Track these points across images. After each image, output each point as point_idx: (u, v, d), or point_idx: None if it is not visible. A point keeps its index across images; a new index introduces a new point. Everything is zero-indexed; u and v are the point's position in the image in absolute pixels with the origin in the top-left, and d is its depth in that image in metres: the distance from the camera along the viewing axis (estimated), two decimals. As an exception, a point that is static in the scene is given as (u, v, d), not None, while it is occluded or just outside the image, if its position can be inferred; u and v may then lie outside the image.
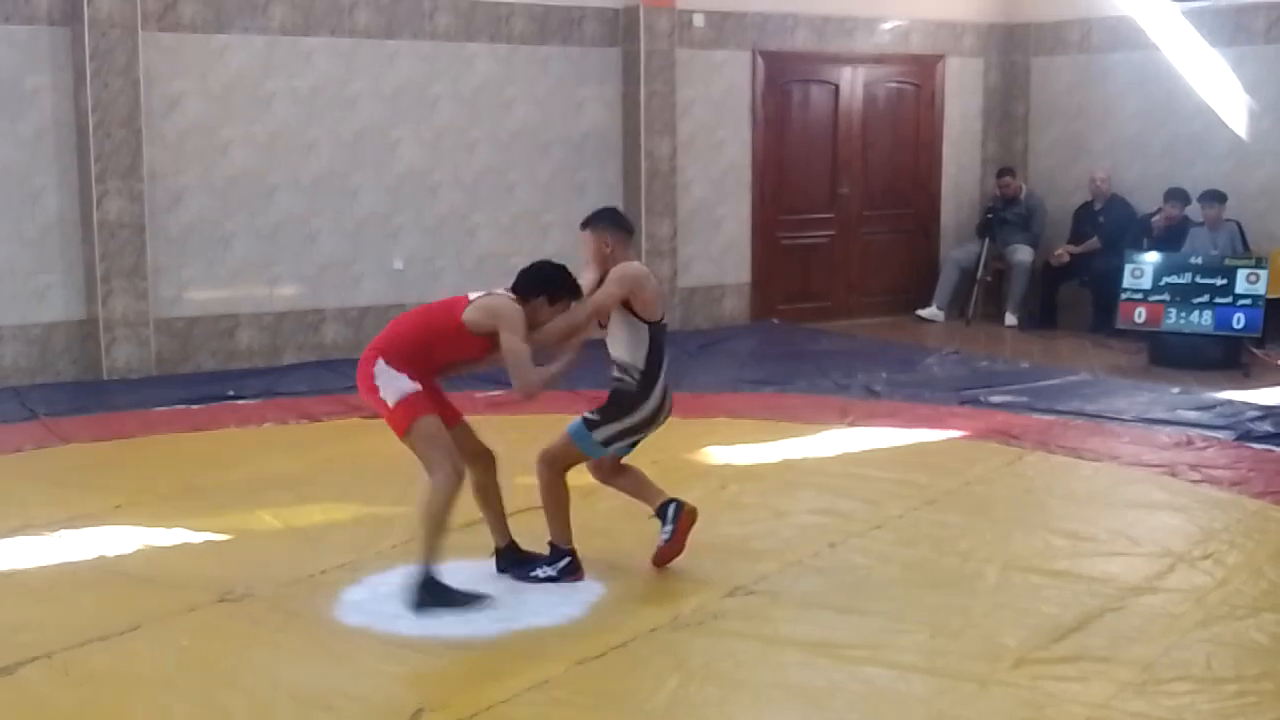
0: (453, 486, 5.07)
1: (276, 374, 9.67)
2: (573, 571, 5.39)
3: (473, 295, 5.30)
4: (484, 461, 5.47)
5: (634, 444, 5.51)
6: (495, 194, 10.95)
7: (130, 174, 9.39)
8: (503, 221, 11.01)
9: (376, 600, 5.19)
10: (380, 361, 5.20)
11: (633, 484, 5.61)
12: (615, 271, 5.35)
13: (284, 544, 5.92)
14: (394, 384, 5.16)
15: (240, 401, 8.83)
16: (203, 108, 9.78)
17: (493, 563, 5.55)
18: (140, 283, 9.48)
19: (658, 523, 5.52)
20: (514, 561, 5.50)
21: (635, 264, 5.44)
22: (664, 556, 5.45)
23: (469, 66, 10.75)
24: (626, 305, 5.33)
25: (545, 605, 5.13)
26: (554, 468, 5.41)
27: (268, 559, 5.67)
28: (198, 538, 5.97)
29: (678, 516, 5.43)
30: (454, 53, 10.67)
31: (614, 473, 5.62)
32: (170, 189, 9.71)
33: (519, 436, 7.91)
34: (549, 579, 5.36)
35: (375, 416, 8.27)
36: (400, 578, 5.37)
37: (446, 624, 4.93)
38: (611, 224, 5.55)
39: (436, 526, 5.03)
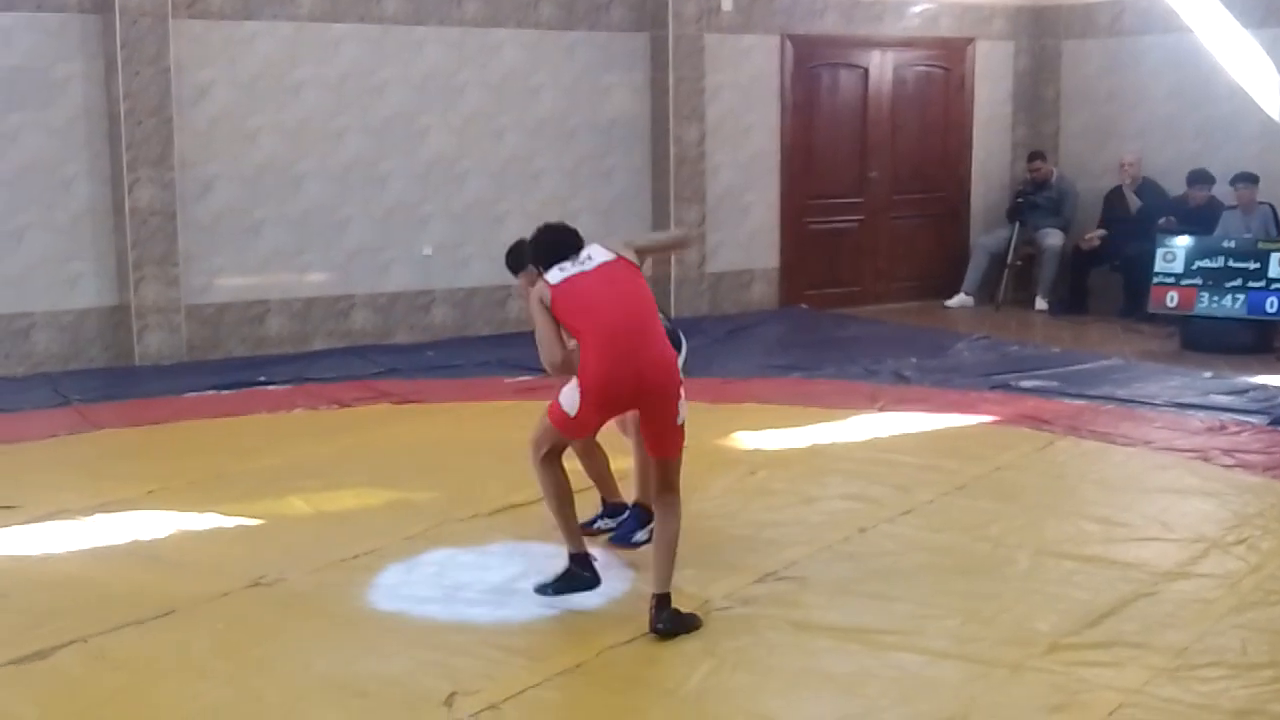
0: None
1: (306, 360, 9.70)
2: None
3: None
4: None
5: None
6: (522, 181, 10.95)
7: (161, 162, 9.43)
8: (530, 208, 10.98)
9: (408, 585, 5.21)
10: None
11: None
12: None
13: (315, 529, 5.94)
14: None
15: (270, 388, 8.86)
16: (232, 96, 9.81)
17: (535, 545, 5.61)
18: (171, 270, 9.52)
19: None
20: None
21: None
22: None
23: (496, 53, 10.74)
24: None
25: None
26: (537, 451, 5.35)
27: (299, 544, 5.69)
28: (230, 523, 6.00)
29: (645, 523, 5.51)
30: (481, 39, 10.67)
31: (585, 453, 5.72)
32: (200, 177, 9.75)
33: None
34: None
35: (404, 402, 8.40)
36: (431, 561, 5.40)
37: (478, 609, 4.94)
38: (532, 258, 5.38)
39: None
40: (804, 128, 12.12)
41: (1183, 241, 10.48)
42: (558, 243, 5.24)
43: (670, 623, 4.68)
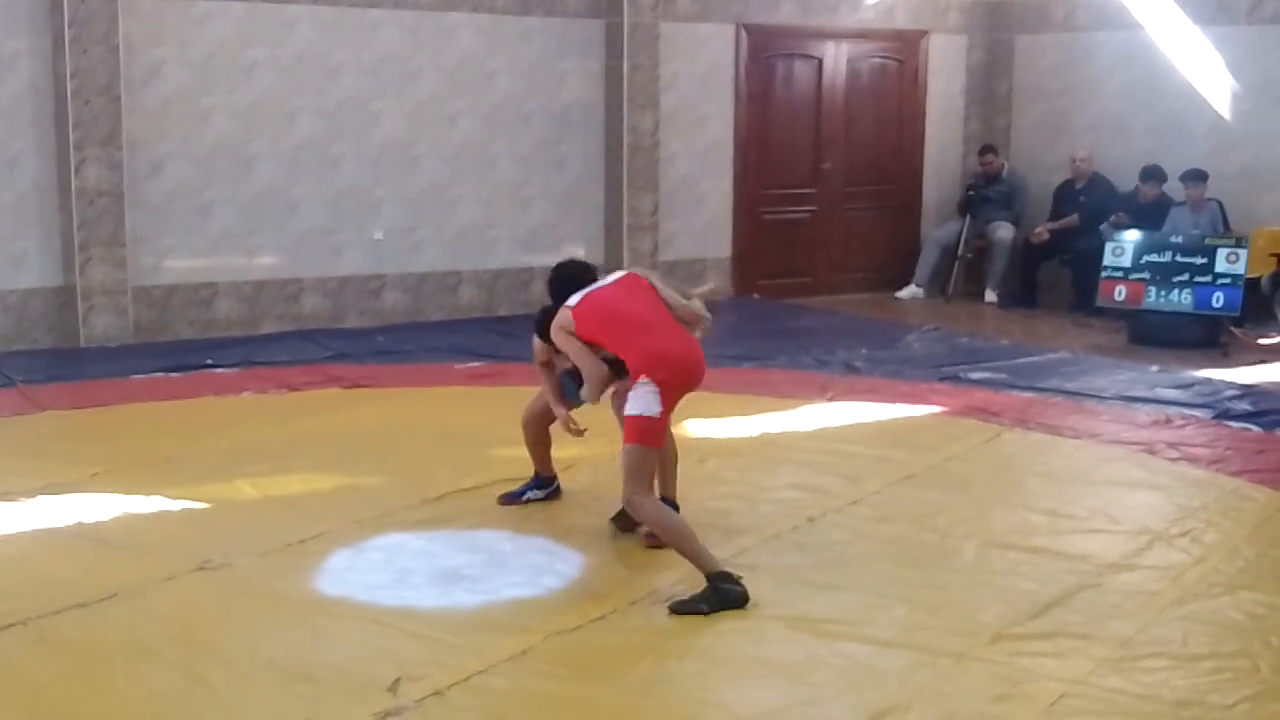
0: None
1: (255, 343, 9.63)
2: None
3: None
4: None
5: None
6: (476, 166, 10.90)
7: (109, 142, 9.32)
8: (483, 194, 10.98)
9: (355, 570, 5.18)
10: None
11: None
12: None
13: (262, 513, 5.90)
14: None
15: (219, 371, 8.79)
16: (183, 76, 9.71)
17: (483, 531, 5.59)
18: (119, 251, 9.42)
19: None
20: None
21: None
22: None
23: (451, 37, 10.69)
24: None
25: (525, 577, 5.13)
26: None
27: (246, 528, 5.65)
28: (176, 506, 5.94)
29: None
30: (436, 23, 10.61)
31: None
32: (150, 157, 9.65)
33: (499, 409, 7.92)
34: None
35: (354, 387, 8.36)
36: (379, 547, 5.38)
37: (425, 595, 4.93)
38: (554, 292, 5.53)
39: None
40: (759, 118, 12.14)
41: (1131, 236, 10.57)
42: (578, 276, 5.47)
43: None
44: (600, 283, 5.37)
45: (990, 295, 12.29)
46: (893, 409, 7.97)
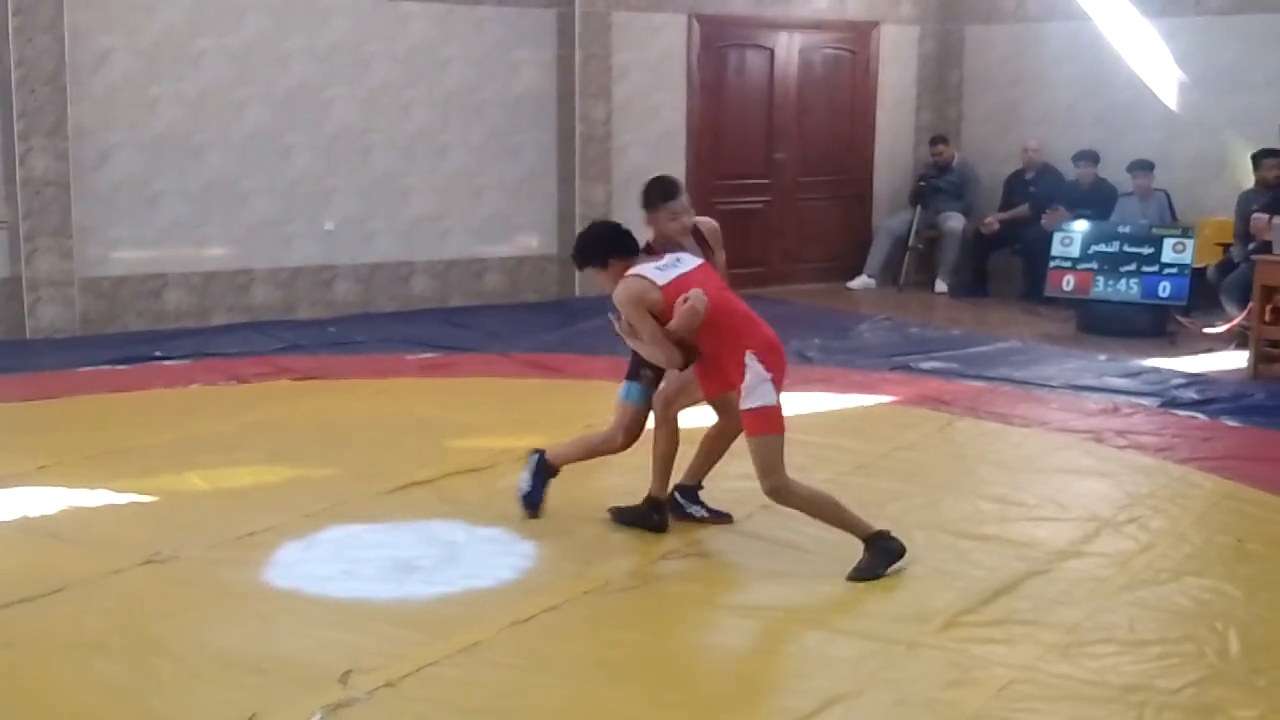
0: None
1: (205, 335, 9.56)
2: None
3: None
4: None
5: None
6: (429, 155, 10.86)
7: (55, 131, 9.22)
8: (437, 183, 10.93)
9: (306, 562, 5.15)
10: None
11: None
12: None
13: (212, 506, 5.85)
14: None
15: (168, 363, 8.72)
16: (130, 64, 9.61)
17: (436, 522, 5.58)
18: (65, 241, 9.32)
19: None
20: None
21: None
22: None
23: (404, 25, 10.63)
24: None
25: (478, 568, 5.11)
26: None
27: (195, 521, 5.60)
28: (123, 499, 5.88)
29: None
30: (388, 11, 10.55)
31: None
32: (97, 146, 9.54)
33: (452, 400, 7.91)
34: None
35: (305, 379, 8.30)
36: (330, 539, 5.35)
37: (377, 587, 4.90)
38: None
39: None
40: (712, 108, 12.14)
41: (1080, 226, 10.65)
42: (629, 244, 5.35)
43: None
44: (680, 264, 5.21)
45: (941, 285, 12.35)
46: (845, 398, 8.00)
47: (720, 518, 5.65)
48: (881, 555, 5.02)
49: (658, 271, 5.14)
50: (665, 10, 11.70)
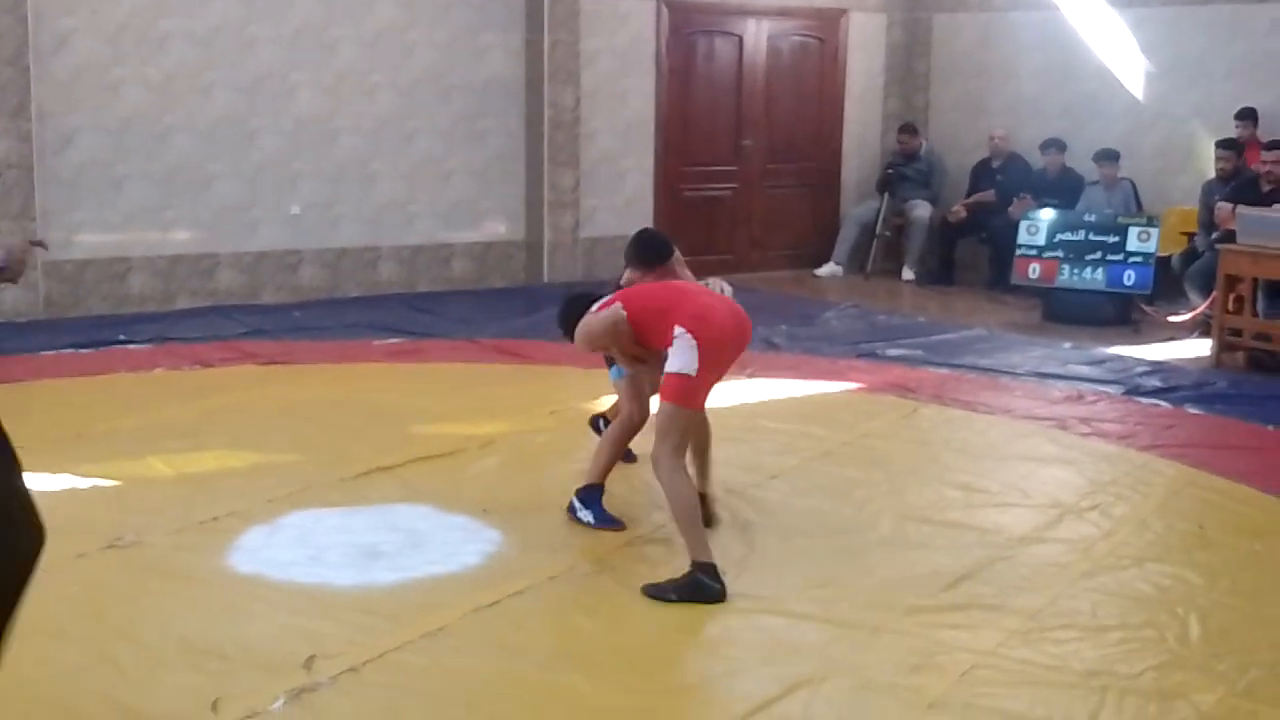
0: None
1: (169, 319, 9.49)
2: None
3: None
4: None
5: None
6: (396, 141, 10.81)
7: (18, 113, 9.14)
8: (403, 169, 10.89)
9: (270, 548, 5.13)
10: None
11: None
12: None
13: (176, 491, 5.82)
14: None
15: (131, 347, 8.66)
16: (94, 46, 9.53)
17: (401, 508, 5.57)
18: (29, 225, 9.23)
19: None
20: None
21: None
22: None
23: (370, 9, 10.57)
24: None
25: (442, 554, 5.10)
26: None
27: (159, 506, 5.57)
28: (86, 484, 5.84)
29: None
30: (355, -5, 10.50)
31: None
32: (60, 129, 9.46)
33: (418, 386, 7.89)
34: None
35: (269, 364, 8.26)
36: (294, 524, 5.33)
37: (341, 572, 4.89)
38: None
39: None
40: (680, 95, 12.13)
41: (1046, 215, 10.70)
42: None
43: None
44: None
45: (908, 273, 12.39)
46: (811, 385, 8.02)
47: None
48: (694, 587, 4.67)
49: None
50: (634, -4, 11.68)
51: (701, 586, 4.68)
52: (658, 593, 4.71)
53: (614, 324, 5.01)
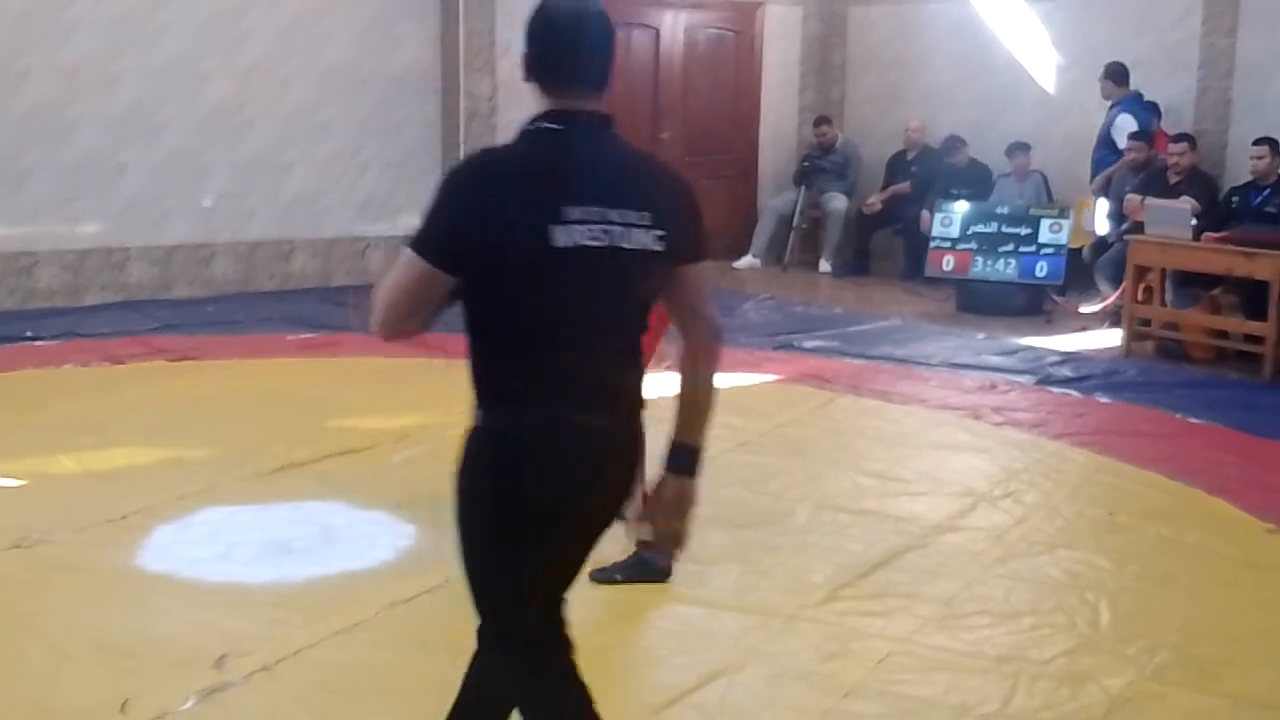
0: None
1: (78, 314, 9.31)
2: None
3: None
4: None
5: None
6: (310, 131, 10.69)
7: (-82, 102, 8.93)
8: (318, 159, 10.77)
9: (180, 545, 5.05)
10: None
11: None
12: None
13: (83, 488, 5.70)
14: None
15: (39, 343, 8.48)
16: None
17: (315, 503, 5.49)
18: (-70, 217, 9.04)
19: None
20: None
21: None
22: None
23: (282, -2, 10.44)
24: None
25: (356, 549, 5.06)
26: None
27: (66, 504, 5.46)
28: (-9, 482, 5.73)
29: None
30: (266, -16, 10.36)
31: None
32: (-38, 119, 9.26)
33: (333, 380, 7.81)
34: None
35: (181, 359, 8.13)
36: (205, 521, 5.25)
37: (253, 569, 4.83)
38: None
39: None
40: (597, 86, 12.08)
41: (960, 207, 10.81)
42: None
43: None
44: None
45: (825, 264, 12.47)
46: (729, 377, 7.95)
47: None
48: (640, 567, 4.73)
49: None
50: (550, -13, 11.59)
51: (647, 565, 4.75)
52: (603, 576, 4.72)
53: None
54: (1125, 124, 10.25)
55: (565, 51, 2.95)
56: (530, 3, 2.93)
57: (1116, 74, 10.53)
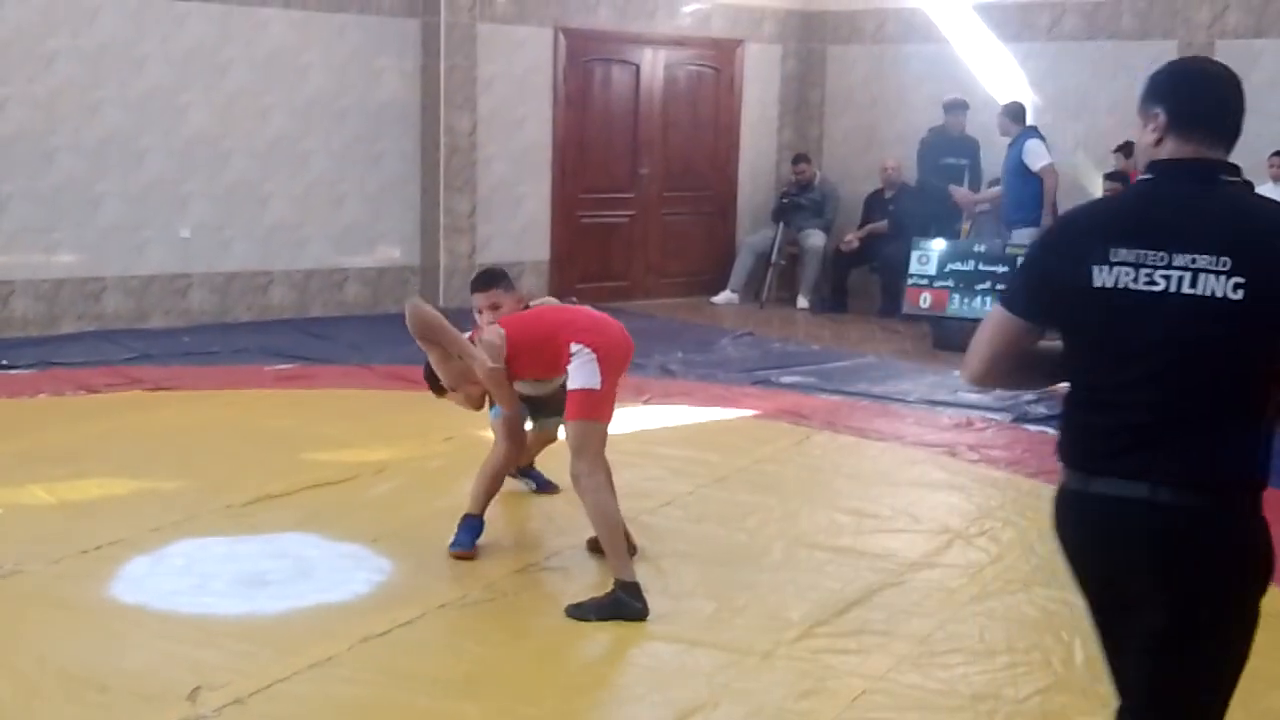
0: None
1: (53, 344, 9.27)
2: None
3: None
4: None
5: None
6: (289, 162, 10.69)
7: (-105, 130, 8.90)
8: (296, 191, 10.77)
9: (154, 577, 5.02)
10: None
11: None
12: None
13: (56, 519, 5.67)
14: None
15: (13, 372, 8.44)
16: (-23, 63, 9.32)
17: (290, 536, 5.48)
18: (-95, 245, 9.00)
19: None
20: None
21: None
22: None
23: (263, 30, 10.46)
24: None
25: (331, 583, 5.03)
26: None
27: (38, 534, 5.42)
28: (-38, 513, 5.69)
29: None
30: (246, 15, 10.37)
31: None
32: (-60, 147, 9.24)
33: (309, 412, 7.79)
34: None
35: (157, 389, 8.10)
36: (179, 553, 5.22)
37: (227, 602, 4.80)
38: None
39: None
40: (577, 122, 12.15)
41: (937, 245, 10.86)
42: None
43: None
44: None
45: (802, 301, 12.51)
46: (706, 412, 8.05)
47: (548, 488, 6.07)
48: (615, 606, 4.71)
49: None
50: (531, 23, 11.67)
51: (623, 605, 4.72)
52: (579, 613, 4.72)
53: (499, 349, 5.03)
54: (1036, 148, 10.65)
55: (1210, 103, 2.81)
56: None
57: (1014, 113, 10.98)
